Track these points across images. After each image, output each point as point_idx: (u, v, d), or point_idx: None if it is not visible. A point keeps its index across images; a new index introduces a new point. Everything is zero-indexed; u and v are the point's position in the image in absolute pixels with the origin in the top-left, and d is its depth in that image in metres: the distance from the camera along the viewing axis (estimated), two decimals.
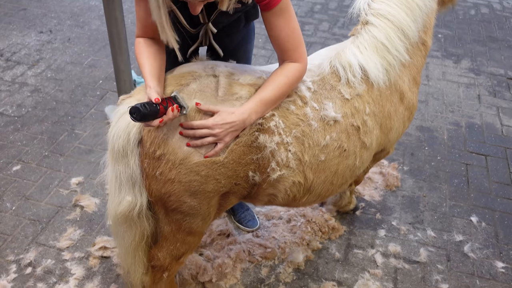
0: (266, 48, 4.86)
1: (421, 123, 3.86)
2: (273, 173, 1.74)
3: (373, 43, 1.94)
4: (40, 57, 4.42)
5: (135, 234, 1.84)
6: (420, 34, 2.11)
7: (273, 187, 1.81)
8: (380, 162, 3.36)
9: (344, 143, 1.86)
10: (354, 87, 1.89)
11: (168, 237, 1.89)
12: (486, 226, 2.93)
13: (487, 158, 3.51)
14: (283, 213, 2.91)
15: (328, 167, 1.87)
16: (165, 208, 1.77)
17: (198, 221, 1.84)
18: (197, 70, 1.72)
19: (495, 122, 3.93)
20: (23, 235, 2.70)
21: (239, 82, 1.71)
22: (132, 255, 1.92)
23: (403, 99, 2.09)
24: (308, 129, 1.77)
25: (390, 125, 2.07)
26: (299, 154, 1.76)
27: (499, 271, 2.65)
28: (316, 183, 1.88)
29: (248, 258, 2.63)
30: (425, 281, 2.58)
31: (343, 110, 1.85)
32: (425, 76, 4.53)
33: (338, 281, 2.55)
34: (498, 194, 3.19)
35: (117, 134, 1.62)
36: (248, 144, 1.68)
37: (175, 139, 1.60)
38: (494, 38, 5.38)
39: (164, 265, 1.98)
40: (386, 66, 1.95)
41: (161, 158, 1.61)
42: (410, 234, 2.85)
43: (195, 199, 1.71)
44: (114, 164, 1.68)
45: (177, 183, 1.65)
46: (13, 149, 3.32)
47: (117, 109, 1.69)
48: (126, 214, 1.73)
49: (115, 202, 1.74)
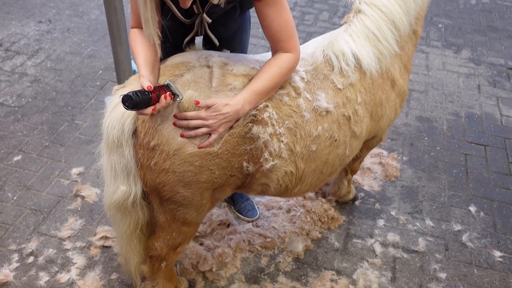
0: (265, 38, 4.84)
1: (420, 114, 3.86)
2: (266, 163, 1.76)
3: (364, 32, 1.96)
4: (39, 47, 4.41)
5: (130, 223, 1.86)
6: (411, 25, 2.13)
7: (266, 177, 1.83)
8: (379, 152, 3.38)
9: (335, 133, 1.88)
10: (348, 75, 1.91)
11: (164, 227, 1.91)
12: (484, 216, 2.95)
13: (486, 148, 3.53)
14: (282, 203, 2.93)
15: (319, 157, 1.89)
16: (160, 197, 1.78)
17: (192, 212, 1.86)
18: (190, 60, 1.72)
19: (495, 112, 3.93)
20: (25, 225, 2.72)
21: (233, 73, 1.72)
22: (127, 243, 1.95)
23: (394, 86, 2.12)
24: (301, 120, 1.78)
25: (382, 112, 2.10)
26: (291, 145, 1.78)
27: (497, 260, 2.68)
28: (307, 173, 1.91)
29: (248, 248, 2.65)
30: (423, 270, 2.60)
31: (335, 100, 1.86)
32: (425, 66, 4.53)
33: (337, 270, 2.57)
34: (496, 184, 3.21)
35: (112, 125, 1.63)
36: (241, 135, 1.69)
37: (169, 129, 1.61)
38: (495, 27, 5.36)
39: (162, 255, 2.00)
40: (378, 55, 1.98)
41: (155, 148, 1.62)
42: (409, 224, 2.87)
43: (188, 189, 1.73)
44: (109, 154, 1.70)
45: (171, 173, 1.66)
46: (14, 139, 3.32)
47: (111, 99, 1.70)
48: (121, 203, 1.75)
49: (110, 191, 1.76)
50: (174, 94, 1.59)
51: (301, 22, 5.23)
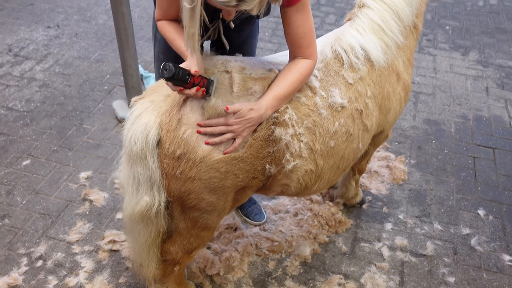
0: (272, 42, 4.86)
1: (428, 116, 3.84)
2: (287, 164, 1.78)
3: (370, 25, 1.99)
4: (48, 52, 4.45)
5: (151, 232, 1.85)
6: (413, 18, 2.17)
7: (287, 177, 1.85)
8: (386, 156, 3.36)
9: (350, 127, 1.92)
10: (358, 68, 1.94)
11: (182, 233, 1.91)
12: (493, 219, 2.93)
13: (495, 151, 3.50)
14: (290, 207, 2.92)
15: (336, 152, 1.92)
16: (183, 206, 1.78)
17: (214, 217, 1.87)
18: (209, 67, 1.73)
19: (503, 115, 3.91)
20: (34, 228, 2.74)
21: (252, 77, 1.73)
22: (147, 251, 1.94)
23: (400, 79, 2.15)
24: (319, 118, 1.81)
25: (389, 105, 2.13)
26: (311, 144, 1.81)
27: (506, 264, 2.66)
28: (326, 169, 1.94)
29: (255, 252, 2.65)
30: (432, 274, 2.58)
31: (348, 95, 1.90)
32: (433, 68, 4.51)
33: (345, 274, 2.56)
34: (505, 187, 3.18)
35: (135, 137, 1.61)
36: (265, 138, 1.71)
37: (194, 138, 1.61)
38: (503, 29, 5.33)
39: (176, 259, 2.00)
40: (384, 46, 2.01)
41: (181, 157, 1.62)
42: (417, 228, 2.85)
43: (214, 195, 1.73)
44: (131, 166, 1.68)
45: (197, 180, 1.66)
46: (23, 143, 3.35)
47: (131, 110, 1.68)
48: (144, 214, 1.74)
49: (133, 202, 1.74)
50: (208, 92, 1.60)
51: None
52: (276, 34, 5.00)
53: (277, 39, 4.90)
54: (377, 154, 3.37)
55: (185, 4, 1.43)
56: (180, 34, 1.76)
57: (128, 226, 1.92)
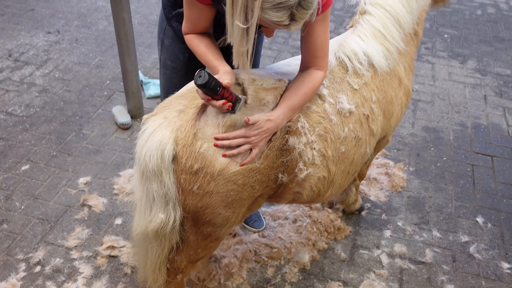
0: (272, 49, 4.88)
1: (427, 124, 3.86)
2: (300, 173, 1.79)
3: (371, 31, 2.02)
4: (48, 58, 4.46)
5: (164, 248, 1.83)
6: (414, 25, 2.21)
7: (299, 186, 1.86)
8: (385, 163, 3.37)
9: (358, 132, 1.94)
10: (362, 74, 1.96)
11: (191, 245, 1.88)
12: (492, 227, 2.94)
13: (493, 159, 3.51)
14: (289, 214, 2.92)
15: (347, 158, 1.95)
16: (196, 221, 1.75)
17: (226, 229, 1.86)
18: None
19: (501, 123, 3.92)
20: (32, 234, 2.73)
21: (264, 87, 1.74)
22: (158, 267, 1.91)
23: (401, 84, 2.19)
24: (329, 125, 1.83)
25: (392, 110, 2.16)
26: (323, 150, 1.83)
27: (505, 272, 2.66)
28: (337, 174, 1.96)
29: (254, 258, 2.64)
30: (431, 281, 2.58)
31: (354, 100, 1.92)
32: (431, 76, 4.53)
33: (343, 281, 2.56)
34: (504, 195, 3.19)
35: (149, 154, 1.58)
36: (280, 148, 1.72)
37: (211, 151, 1.60)
38: (501, 38, 5.36)
39: (180, 268, 1.98)
40: (385, 52, 2.04)
41: (199, 172, 1.60)
42: (416, 235, 2.86)
43: (230, 209, 1.72)
44: (145, 183, 1.65)
45: (215, 194, 1.65)
46: (22, 149, 3.35)
47: (143, 128, 1.65)
48: (159, 232, 1.71)
49: (146, 220, 1.71)
50: (233, 108, 1.60)
51: None
52: (275, 41, 5.02)
53: (276, 46, 4.92)
54: (376, 161, 3.38)
55: (238, 24, 1.43)
56: (210, 48, 1.77)
57: (140, 244, 1.88)
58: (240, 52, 1.52)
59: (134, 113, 3.71)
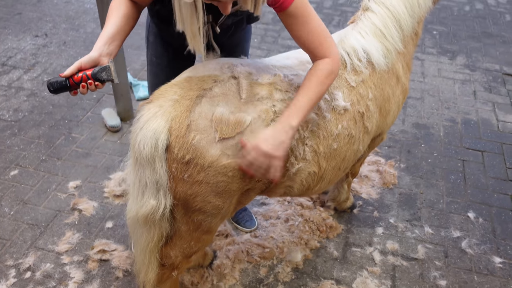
0: (261, 48, 4.87)
1: (417, 120, 3.87)
2: (292, 167, 1.80)
3: (372, 29, 2.04)
4: (36, 61, 4.42)
5: (154, 235, 1.85)
6: (414, 26, 2.22)
7: (291, 180, 1.88)
8: (376, 160, 3.37)
9: (352, 129, 1.95)
10: (360, 71, 1.97)
11: (183, 236, 1.91)
12: (483, 222, 2.95)
13: (484, 154, 3.53)
14: (281, 213, 2.92)
15: (339, 154, 1.96)
16: (187, 209, 1.78)
17: (218, 220, 1.88)
18: (216, 72, 1.73)
19: (491, 118, 3.94)
20: (22, 239, 2.71)
21: (259, 82, 1.74)
22: (148, 256, 1.93)
23: (399, 83, 2.20)
24: (323, 122, 1.84)
25: (389, 108, 2.17)
26: (315, 146, 1.84)
27: (497, 266, 2.67)
28: (328, 170, 1.97)
29: (247, 259, 2.63)
30: (423, 277, 2.59)
31: (350, 98, 1.93)
32: (421, 73, 4.54)
33: (336, 279, 2.56)
34: (495, 189, 3.20)
35: (144, 141, 1.62)
36: None
37: (203, 143, 1.62)
38: (489, 33, 5.39)
39: (175, 263, 1.99)
40: (385, 51, 2.06)
41: (190, 162, 1.63)
42: (408, 231, 2.86)
43: (220, 198, 1.74)
44: (139, 170, 1.69)
45: (204, 184, 1.67)
46: (11, 153, 3.32)
47: (139, 115, 1.68)
48: (148, 217, 1.75)
49: (138, 205, 1.75)
50: (101, 79, 1.61)
51: None
52: (265, 41, 5.01)
53: (266, 46, 4.91)
54: (367, 158, 3.38)
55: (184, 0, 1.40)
56: (114, 18, 1.69)
57: (131, 229, 1.92)
58: (194, 32, 1.49)
59: (124, 115, 3.69)
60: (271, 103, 1.72)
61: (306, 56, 1.99)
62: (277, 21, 5.46)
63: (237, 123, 1.64)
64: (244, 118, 1.65)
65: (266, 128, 1.66)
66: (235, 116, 1.64)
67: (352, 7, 5.79)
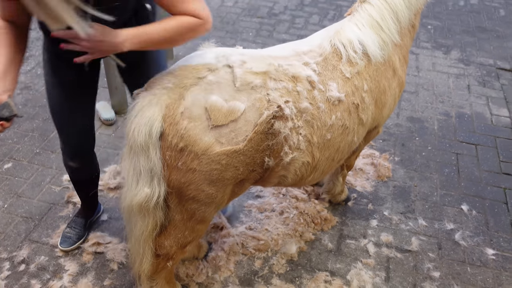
0: (256, 42, 4.86)
1: (411, 114, 3.88)
2: (285, 156, 1.81)
3: (369, 21, 2.06)
4: (29, 54, 4.40)
5: (148, 224, 1.86)
6: (411, 19, 2.24)
7: (285, 169, 1.89)
8: (371, 153, 3.38)
9: (346, 121, 1.96)
10: (355, 63, 1.99)
11: (178, 225, 1.91)
12: (477, 214, 2.97)
13: (477, 147, 3.55)
14: (275, 205, 2.92)
15: (332, 145, 1.97)
16: (181, 197, 1.79)
17: (212, 209, 1.88)
18: (211, 61, 1.74)
19: (485, 112, 3.96)
20: (16, 232, 2.70)
21: (253, 71, 1.75)
22: (142, 245, 1.93)
23: (395, 75, 2.21)
24: (317, 112, 1.85)
25: (385, 100, 2.18)
26: (309, 136, 1.85)
27: (490, 258, 2.69)
28: (321, 161, 1.98)
29: (242, 251, 2.64)
30: (417, 269, 2.60)
31: (345, 89, 1.94)
32: (415, 67, 4.55)
33: (331, 271, 2.57)
34: (488, 182, 3.22)
35: (138, 129, 1.63)
36: (265, 131, 1.73)
37: (196, 131, 1.63)
38: (483, 28, 5.41)
39: (170, 254, 1.99)
40: (381, 42, 2.07)
41: (184, 150, 1.64)
42: (402, 224, 2.87)
43: (213, 187, 1.75)
44: (133, 157, 1.70)
45: (198, 172, 1.68)
46: (4, 147, 3.30)
47: (134, 103, 1.69)
48: (142, 205, 1.76)
49: (132, 193, 1.76)
50: (5, 117, 1.56)
51: (292, 26, 5.24)
52: (260, 35, 5.01)
53: (261, 39, 4.90)
54: (362, 152, 3.39)
55: None
56: (2, 50, 1.61)
57: (126, 218, 1.92)
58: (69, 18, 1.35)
59: (118, 108, 3.67)
60: (265, 92, 1.73)
61: (302, 48, 2.00)
62: (273, 15, 5.45)
63: (231, 111, 1.65)
64: (238, 106, 1.66)
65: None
66: (229, 104, 1.65)
67: (347, 1, 5.79)
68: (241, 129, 1.68)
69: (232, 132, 1.66)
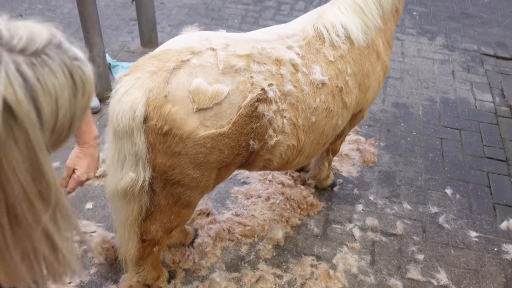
0: (242, 29, 4.83)
1: (396, 100, 3.90)
2: (270, 139, 1.82)
3: (351, 5, 2.07)
4: None
5: (134, 209, 1.85)
6: (395, 3, 2.25)
7: (270, 153, 1.90)
8: (357, 139, 3.40)
9: (330, 104, 1.97)
10: (339, 46, 1.99)
11: (163, 210, 1.91)
12: (460, 198, 3.01)
13: (461, 132, 3.58)
14: (262, 192, 2.93)
15: (317, 128, 1.98)
16: (166, 181, 1.78)
17: (197, 194, 1.88)
18: (194, 44, 1.72)
19: (469, 97, 4.00)
20: None
21: (236, 54, 1.74)
22: (128, 230, 1.93)
23: (379, 59, 2.23)
24: (301, 94, 1.85)
25: (368, 84, 2.19)
26: (294, 119, 1.85)
27: (473, 240, 2.73)
28: (306, 144, 1.99)
29: (228, 237, 2.65)
30: (402, 252, 2.64)
31: (328, 72, 1.95)
32: (401, 53, 4.57)
33: (317, 255, 2.59)
34: (471, 166, 3.27)
35: (122, 113, 1.61)
36: (249, 114, 1.72)
37: (181, 114, 1.62)
38: (468, 14, 5.44)
39: (156, 239, 1.99)
40: (364, 27, 2.08)
41: (168, 133, 1.63)
42: (387, 208, 2.91)
43: (198, 170, 1.75)
44: (117, 142, 1.69)
45: (183, 155, 1.68)
46: None
47: (116, 87, 1.67)
48: (127, 190, 1.75)
49: (117, 178, 1.75)
50: None
51: (278, 12, 5.22)
52: (245, 21, 4.97)
53: (246, 26, 4.87)
54: (347, 137, 3.40)
55: None
56: None
57: (112, 204, 1.92)
58: None
59: (103, 96, 3.63)
60: (248, 75, 1.72)
61: (286, 31, 1.99)
62: (258, 1, 5.42)
63: (215, 94, 1.64)
64: (222, 89, 1.65)
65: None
66: (212, 87, 1.64)
67: None
68: (225, 112, 1.67)
69: (216, 115, 1.65)
